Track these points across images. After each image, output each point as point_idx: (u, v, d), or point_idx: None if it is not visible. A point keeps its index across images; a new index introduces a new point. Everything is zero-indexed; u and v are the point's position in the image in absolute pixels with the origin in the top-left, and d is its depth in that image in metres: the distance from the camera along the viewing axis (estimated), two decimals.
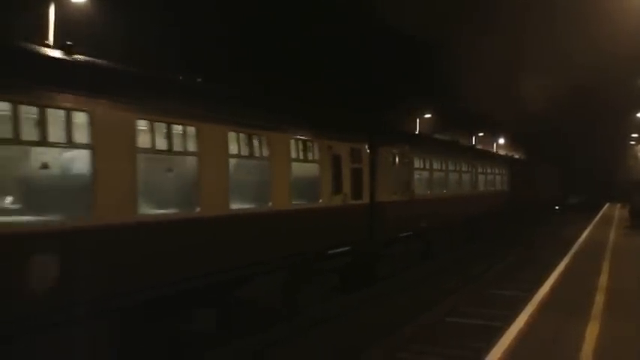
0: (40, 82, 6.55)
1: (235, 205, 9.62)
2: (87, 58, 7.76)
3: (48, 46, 8.45)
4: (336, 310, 12.39)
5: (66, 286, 6.57)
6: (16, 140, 6.20)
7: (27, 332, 6.33)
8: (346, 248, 13.21)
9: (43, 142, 6.52)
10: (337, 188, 13.02)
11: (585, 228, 26.47)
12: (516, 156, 47.29)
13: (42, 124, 6.45)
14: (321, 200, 12.40)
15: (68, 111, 6.77)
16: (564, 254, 17.02)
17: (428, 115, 58.05)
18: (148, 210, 8.03)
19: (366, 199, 14.39)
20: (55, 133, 6.61)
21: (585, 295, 11.08)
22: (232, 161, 9.55)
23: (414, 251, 17.64)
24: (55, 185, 7.16)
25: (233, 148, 9.63)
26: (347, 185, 13.45)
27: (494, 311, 12.69)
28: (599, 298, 10.80)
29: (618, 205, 42.50)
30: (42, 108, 6.46)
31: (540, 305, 10.20)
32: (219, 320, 9.45)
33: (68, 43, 7.96)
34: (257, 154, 10.32)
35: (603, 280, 12.81)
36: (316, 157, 12.31)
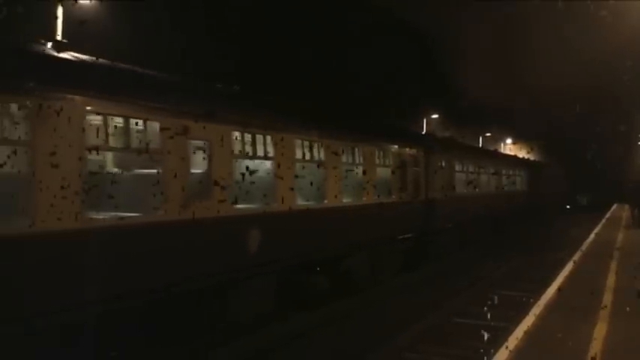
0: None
1: (345, 200, 13.12)
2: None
3: None
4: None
5: (261, 250, 10.04)
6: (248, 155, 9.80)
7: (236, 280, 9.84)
8: (409, 235, 16.70)
9: (254, 156, 10.05)
10: (403, 187, 16.47)
11: (594, 227, 27.58)
12: (531, 157, 50.36)
13: (254, 144, 9.95)
14: (393, 196, 15.84)
15: (264, 136, 10.28)
16: (573, 253, 17.60)
17: (435, 116, 60.33)
18: (299, 202, 11.54)
19: (422, 196, 17.84)
20: (260, 150, 10.14)
21: (593, 295, 11.02)
22: (344, 168, 13.06)
23: (455, 240, 21.09)
24: (259, 184, 10.65)
25: (343, 158, 13.17)
26: (410, 184, 16.90)
27: (503, 311, 13.27)
28: (607, 298, 10.82)
29: (627, 206, 44.40)
30: (253, 135, 9.96)
31: (548, 305, 10.35)
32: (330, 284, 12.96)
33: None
34: (357, 161, 13.81)
35: (611, 279, 12.90)
36: (390, 162, 15.76)
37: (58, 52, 7.45)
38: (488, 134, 71.61)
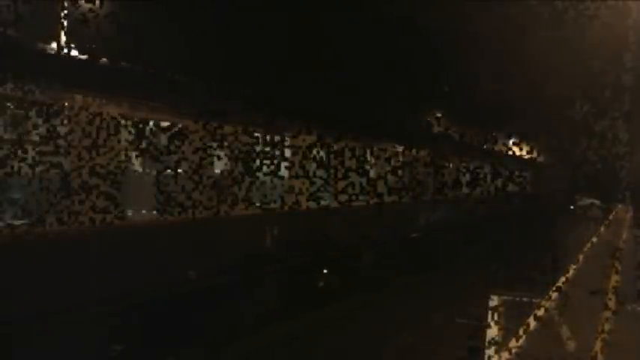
0: None
1: (357, 199, 13.24)
2: None
3: None
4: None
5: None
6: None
7: None
8: (417, 234, 16.79)
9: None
10: (409, 187, 16.51)
11: (596, 228, 26.90)
12: (536, 157, 50.13)
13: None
14: (399, 197, 15.86)
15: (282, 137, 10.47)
16: (575, 253, 17.47)
17: (438, 115, 60.07)
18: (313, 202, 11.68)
19: (429, 196, 17.90)
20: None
21: (595, 295, 10.99)
22: (355, 168, 13.18)
23: (458, 239, 21.09)
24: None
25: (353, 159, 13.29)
26: (418, 186, 16.96)
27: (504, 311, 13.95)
28: (609, 299, 10.79)
29: (631, 207, 44.05)
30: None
31: (549, 306, 10.48)
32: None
33: None
34: (368, 162, 13.94)
35: (613, 280, 12.81)
36: (397, 163, 15.86)
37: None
38: (492, 134, 71.42)
